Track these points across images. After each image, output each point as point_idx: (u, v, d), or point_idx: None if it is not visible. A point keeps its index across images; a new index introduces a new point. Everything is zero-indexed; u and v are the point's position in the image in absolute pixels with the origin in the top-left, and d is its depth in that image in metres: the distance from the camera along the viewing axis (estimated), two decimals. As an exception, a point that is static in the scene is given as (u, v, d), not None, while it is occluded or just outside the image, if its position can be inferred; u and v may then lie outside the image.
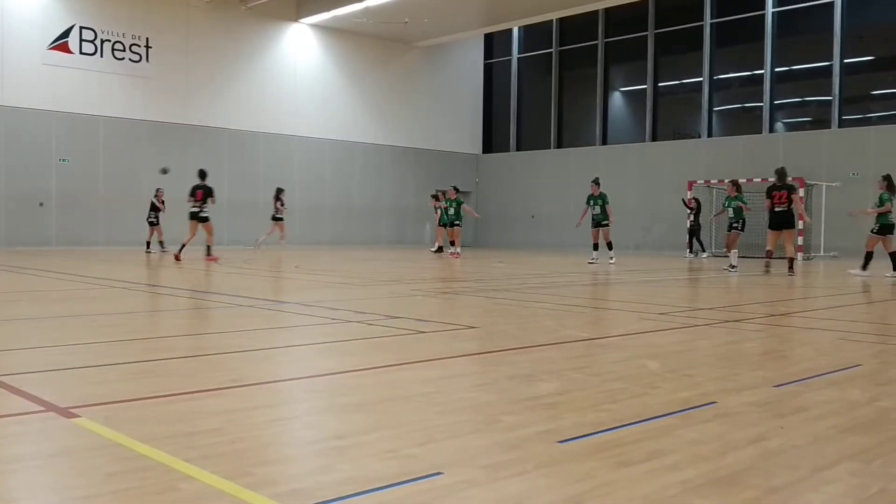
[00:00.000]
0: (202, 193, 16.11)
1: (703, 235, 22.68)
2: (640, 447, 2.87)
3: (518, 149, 31.19)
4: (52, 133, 21.84)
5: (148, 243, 20.34)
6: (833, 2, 22.94)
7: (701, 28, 25.72)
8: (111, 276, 11.93)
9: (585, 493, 2.39)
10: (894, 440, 3.04)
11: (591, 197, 17.31)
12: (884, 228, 13.62)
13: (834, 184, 21.75)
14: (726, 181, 17.40)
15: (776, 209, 13.94)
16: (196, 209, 16.16)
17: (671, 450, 2.84)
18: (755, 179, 21.48)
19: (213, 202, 16.26)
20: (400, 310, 7.57)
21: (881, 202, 13.64)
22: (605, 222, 17.15)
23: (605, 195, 17.25)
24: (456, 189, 20.95)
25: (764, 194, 14.49)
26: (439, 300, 9.13)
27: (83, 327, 6.30)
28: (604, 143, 28.52)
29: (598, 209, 17.19)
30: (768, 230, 14.22)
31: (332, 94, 27.54)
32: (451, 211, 20.02)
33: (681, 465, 2.66)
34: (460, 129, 31.24)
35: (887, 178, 13.76)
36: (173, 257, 16.44)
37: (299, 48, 26.74)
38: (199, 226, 16.24)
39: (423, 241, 29.54)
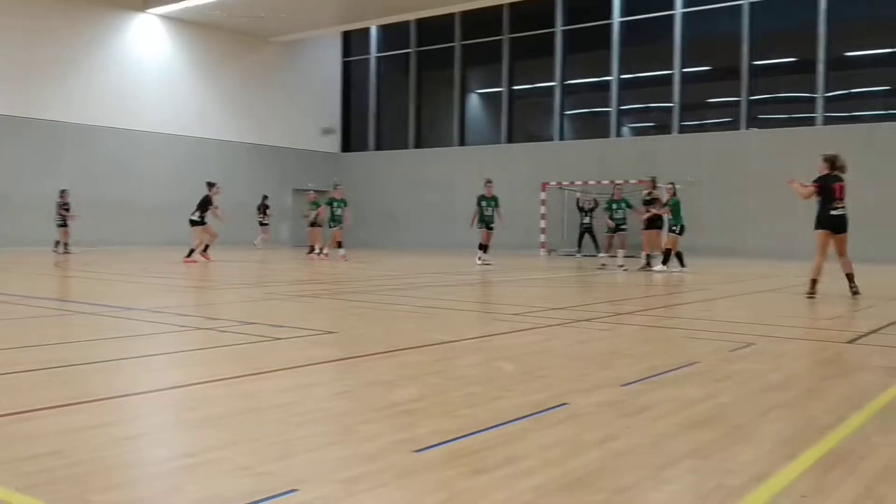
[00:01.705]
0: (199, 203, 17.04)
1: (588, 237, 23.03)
2: (494, 453, 2.92)
3: (377, 148, 31.17)
4: None
5: (56, 242, 20.49)
6: (673, 14, 24.32)
7: (553, 35, 26.60)
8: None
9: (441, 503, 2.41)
10: (729, 435, 3.24)
11: (483, 198, 17.40)
12: (682, 229, 15.43)
13: (677, 185, 22.95)
14: (614, 182, 18.86)
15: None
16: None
17: (525, 455, 2.90)
18: (603, 181, 22.48)
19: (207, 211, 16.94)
20: (254, 315, 7.38)
21: (669, 205, 15.56)
22: (493, 224, 17.40)
23: (496, 197, 17.49)
24: (335, 186, 20.24)
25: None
26: (295, 303, 8.97)
27: None
28: (461, 143, 28.96)
29: (490, 211, 17.37)
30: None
31: (182, 88, 26.49)
32: (339, 211, 19.63)
33: (534, 471, 2.72)
34: (319, 126, 30.83)
35: (672, 184, 16.02)
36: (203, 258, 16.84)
37: (147, 39, 25.54)
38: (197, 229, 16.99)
39: (281, 240, 28.96)
